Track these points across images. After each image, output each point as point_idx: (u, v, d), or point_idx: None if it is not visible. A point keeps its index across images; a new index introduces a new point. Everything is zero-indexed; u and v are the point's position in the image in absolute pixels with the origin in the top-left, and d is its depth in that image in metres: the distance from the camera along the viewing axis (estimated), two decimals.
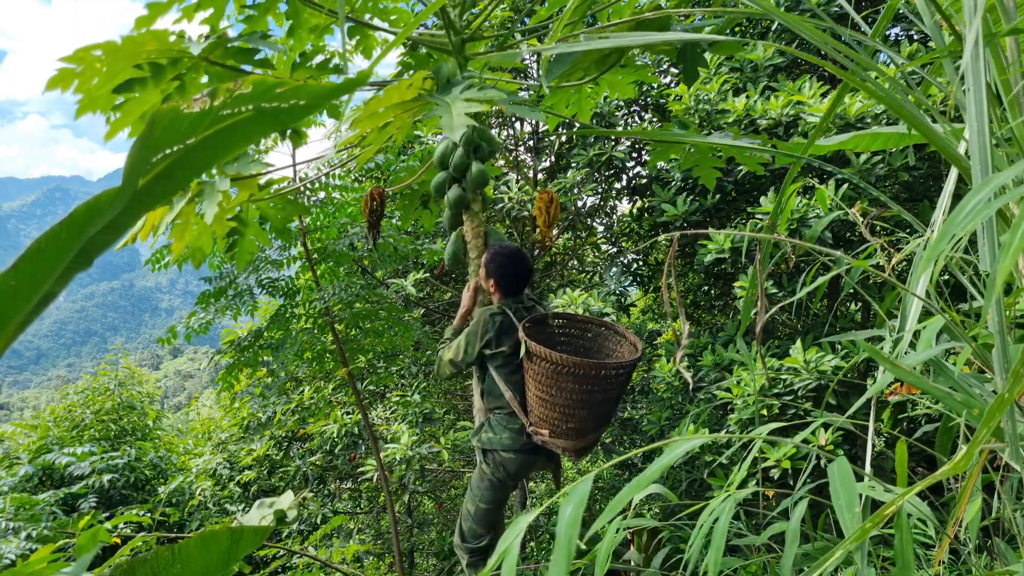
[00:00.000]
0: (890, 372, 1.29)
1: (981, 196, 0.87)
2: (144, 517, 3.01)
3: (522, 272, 2.95)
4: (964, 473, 1.51)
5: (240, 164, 2.50)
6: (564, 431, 2.70)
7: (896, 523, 1.02)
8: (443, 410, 8.01)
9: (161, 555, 0.95)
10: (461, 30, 2.85)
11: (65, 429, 8.68)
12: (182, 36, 2.29)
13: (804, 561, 2.33)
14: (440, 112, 2.12)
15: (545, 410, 2.70)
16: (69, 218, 0.47)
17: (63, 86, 2.25)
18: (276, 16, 2.75)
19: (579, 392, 2.61)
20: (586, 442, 2.77)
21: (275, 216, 3.27)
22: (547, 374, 2.62)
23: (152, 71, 2.36)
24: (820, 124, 1.72)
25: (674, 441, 1.28)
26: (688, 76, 2.66)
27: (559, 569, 1.03)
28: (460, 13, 2.85)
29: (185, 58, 2.37)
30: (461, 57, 2.87)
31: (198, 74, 2.47)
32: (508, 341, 2.83)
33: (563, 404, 2.64)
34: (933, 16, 1.58)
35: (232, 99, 0.49)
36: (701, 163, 3.18)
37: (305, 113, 0.51)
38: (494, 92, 2.19)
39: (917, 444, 1.98)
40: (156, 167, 0.50)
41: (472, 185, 2.98)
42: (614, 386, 2.71)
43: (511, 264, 2.93)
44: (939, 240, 0.86)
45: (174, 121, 0.47)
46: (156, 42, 2.24)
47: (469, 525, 3.01)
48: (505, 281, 2.92)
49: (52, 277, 0.52)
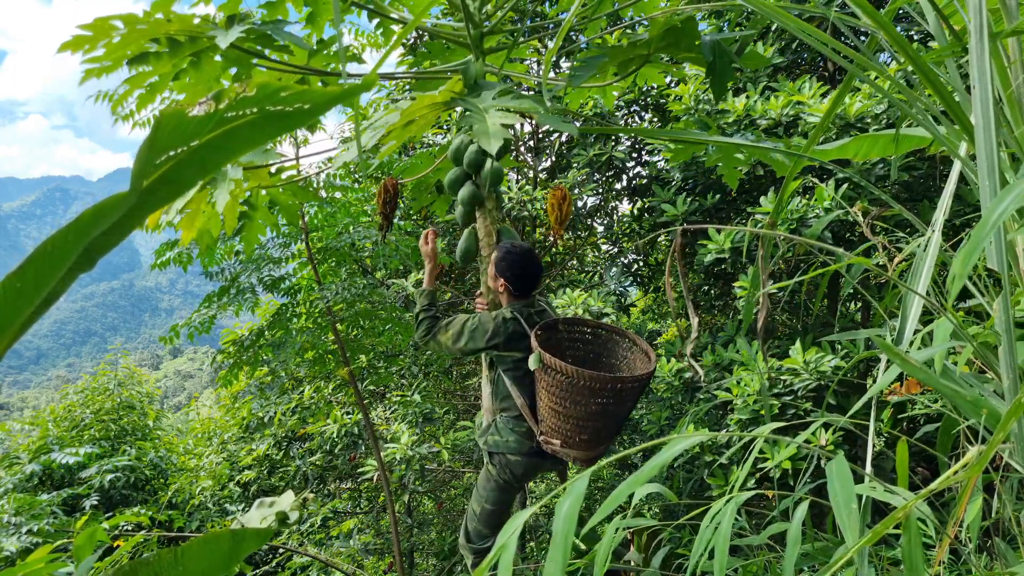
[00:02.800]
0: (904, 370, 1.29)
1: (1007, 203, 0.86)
2: (143, 516, 3.01)
3: (533, 272, 2.86)
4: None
5: (255, 154, 2.50)
6: (577, 443, 2.63)
7: (904, 527, 1.02)
8: (443, 410, 8.01)
9: (163, 557, 0.95)
10: (480, 23, 2.83)
11: (65, 429, 8.68)
12: (208, 20, 2.28)
13: (804, 561, 2.33)
14: (473, 120, 2.08)
15: (558, 421, 2.63)
16: (76, 221, 0.48)
17: (74, 49, 2.23)
18: (295, 2, 2.72)
19: (594, 405, 2.54)
20: (598, 452, 2.72)
21: (285, 201, 3.23)
22: (561, 387, 2.53)
23: (169, 45, 2.33)
24: (820, 124, 1.72)
25: (672, 439, 1.29)
26: (717, 89, 2.61)
27: (556, 563, 1.03)
28: (479, 6, 2.83)
29: (204, 38, 2.35)
30: (479, 51, 2.85)
31: (214, 52, 2.45)
32: (518, 347, 2.75)
33: (577, 416, 2.57)
34: (935, 12, 1.58)
35: (237, 102, 0.49)
36: (724, 161, 3.15)
37: (310, 117, 0.51)
38: (528, 102, 2.16)
39: (917, 444, 1.98)
40: (160, 169, 0.51)
41: (487, 182, 2.93)
42: (629, 398, 2.65)
43: (522, 264, 2.83)
44: (972, 248, 0.86)
45: (179, 124, 0.47)
46: (180, 24, 2.23)
47: (475, 526, 3.00)
48: (515, 282, 2.84)
49: (57, 279, 0.52)
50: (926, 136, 1.95)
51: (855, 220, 2.33)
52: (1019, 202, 0.86)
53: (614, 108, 6.33)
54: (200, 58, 2.44)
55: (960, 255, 0.90)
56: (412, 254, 5.52)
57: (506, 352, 2.77)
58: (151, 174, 0.49)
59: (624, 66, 2.81)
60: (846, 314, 5.59)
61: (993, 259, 1.26)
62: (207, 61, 2.46)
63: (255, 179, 2.75)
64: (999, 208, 0.87)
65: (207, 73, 2.51)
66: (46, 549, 2.09)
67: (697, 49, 2.59)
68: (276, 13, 2.67)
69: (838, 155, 2.21)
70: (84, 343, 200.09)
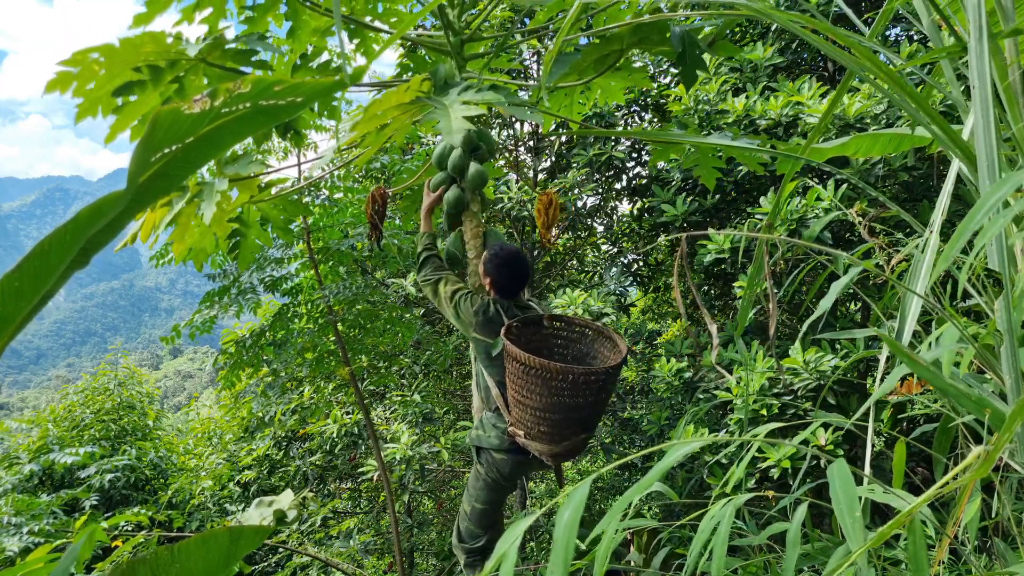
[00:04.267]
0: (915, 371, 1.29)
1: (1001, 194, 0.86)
2: (143, 516, 3.01)
3: (518, 275, 2.92)
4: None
5: (239, 165, 2.50)
6: (537, 434, 2.66)
7: (909, 531, 1.02)
8: (443, 410, 8.01)
9: (161, 555, 0.95)
10: (460, 31, 2.85)
11: (65, 429, 8.68)
12: (179, 38, 2.29)
13: (804, 561, 2.33)
14: (438, 115, 2.11)
15: (520, 411, 2.68)
16: (73, 220, 0.48)
17: (62, 88, 2.26)
18: (276, 17, 2.74)
19: (548, 395, 2.56)
20: (562, 448, 2.69)
21: (276, 217, 3.27)
22: (518, 374, 2.59)
23: (151, 74, 2.36)
24: (819, 125, 1.72)
25: (674, 444, 1.29)
26: (687, 78, 2.66)
27: (557, 572, 1.03)
28: (459, 14, 2.85)
29: (183, 60, 2.38)
30: (460, 58, 2.87)
31: (197, 76, 2.48)
32: (491, 336, 2.79)
33: (535, 406, 2.61)
34: (931, 16, 1.58)
35: (232, 98, 0.49)
36: (702, 163, 3.18)
37: (299, 109, 0.51)
38: (491, 94, 2.19)
39: (915, 444, 1.98)
40: (154, 165, 0.51)
41: (471, 186, 2.97)
42: (590, 392, 2.61)
43: (508, 266, 2.90)
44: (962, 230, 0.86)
45: (175, 122, 0.47)
46: (154, 44, 2.24)
47: (466, 525, 3.00)
48: (501, 282, 2.90)
49: (54, 277, 0.52)
50: (926, 136, 1.95)
51: (854, 221, 2.33)
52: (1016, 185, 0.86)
53: (614, 108, 6.33)
54: (183, 83, 2.46)
55: (953, 239, 0.90)
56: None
57: (480, 335, 2.82)
58: (147, 172, 0.49)
59: (600, 63, 2.84)
60: (846, 314, 5.58)
61: (994, 259, 1.26)
62: (190, 85, 2.48)
63: (245, 190, 2.75)
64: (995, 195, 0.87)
65: (192, 96, 2.51)
66: (46, 548, 2.09)
67: (667, 41, 2.62)
68: (256, 28, 2.68)
69: (837, 153, 2.21)
70: (84, 343, 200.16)
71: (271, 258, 5.19)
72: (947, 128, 1.37)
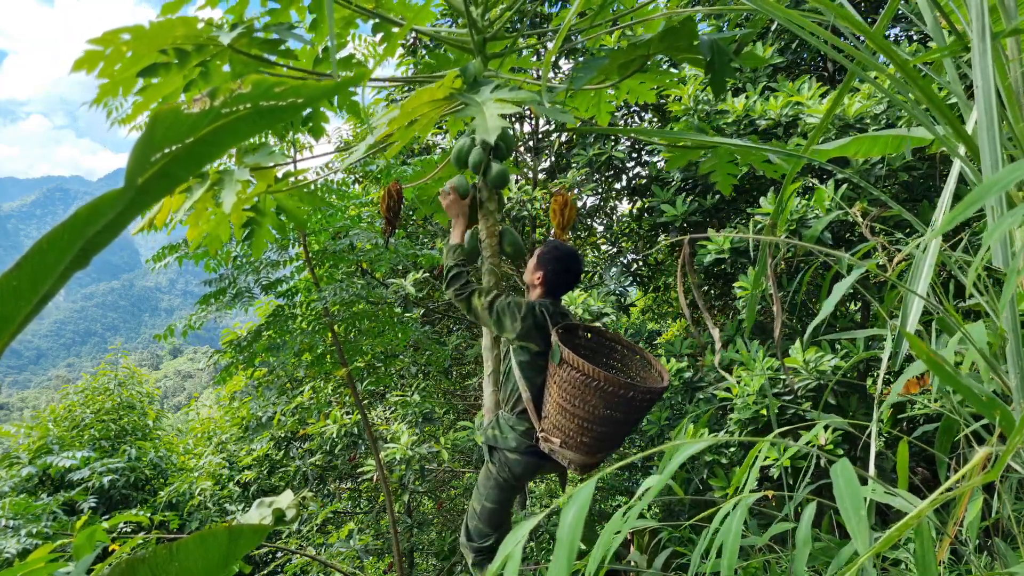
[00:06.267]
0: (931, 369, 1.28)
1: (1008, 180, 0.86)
2: (142, 516, 3.01)
3: (574, 274, 2.89)
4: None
5: (259, 155, 2.50)
6: (576, 444, 2.63)
7: (916, 534, 1.02)
8: (443, 410, 8.01)
9: (160, 554, 0.95)
10: (483, 29, 2.85)
11: (65, 429, 8.68)
12: (211, 24, 2.28)
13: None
14: (472, 112, 2.11)
15: (563, 419, 2.62)
16: (71, 219, 0.47)
17: (88, 68, 2.23)
18: (299, 9, 2.72)
19: (603, 409, 2.54)
20: (595, 459, 2.70)
21: (293, 206, 3.24)
22: (574, 384, 2.54)
23: (177, 56, 2.34)
24: (819, 125, 1.72)
25: (678, 444, 1.28)
26: (716, 86, 2.62)
27: (560, 573, 1.03)
28: (482, 12, 2.85)
29: (211, 45, 2.36)
30: (483, 56, 2.87)
31: (222, 61, 2.45)
32: (536, 339, 2.74)
33: (583, 417, 2.57)
34: (933, 13, 1.58)
35: (232, 98, 0.49)
36: (719, 168, 3.15)
37: (300, 110, 0.51)
38: (525, 93, 2.19)
39: (917, 443, 1.98)
40: (155, 165, 0.51)
41: (492, 184, 2.94)
42: (637, 410, 2.63)
43: (567, 264, 2.85)
44: (962, 208, 0.85)
45: (175, 122, 0.47)
46: (184, 28, 2.23)
47: (475, 524, 2.99)
48: (554, 278, 2.85)
49: (53, 277, 0.52)
50: (926, 136, 1.95)
51: (855, 221, 2.33)
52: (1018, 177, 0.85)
53: (613, 108, 6.32)
54: (208, 68, 2.45)
55: (948, 215, 0.90)
56: (411, 258, 5.52)
57: (525, 341, 2.76)
58: (146, 172, 0.48)
59: (624, 67, 2.82)
60: (846, 314, 5.58)
61: (999, 257, 1.26)
62: (215, 71, 2.46)
63: (262, 180, 2.74)
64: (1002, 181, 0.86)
65: (215, 83, 2.51)
66: (45, 549, 2.09)
67: (695, 49, 2.60)
68: (279, 19, 2.67)
69: (838, 154, 2.21)
70: (84, 343, 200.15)
71: (267, 260, 5.19)
72: (954, 122, 1.37)
